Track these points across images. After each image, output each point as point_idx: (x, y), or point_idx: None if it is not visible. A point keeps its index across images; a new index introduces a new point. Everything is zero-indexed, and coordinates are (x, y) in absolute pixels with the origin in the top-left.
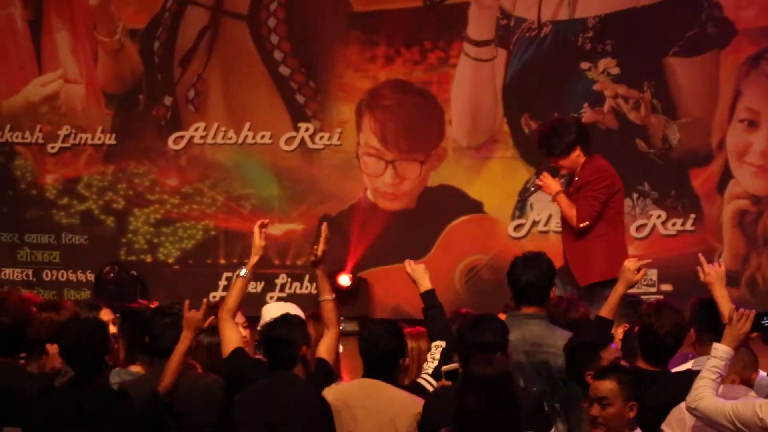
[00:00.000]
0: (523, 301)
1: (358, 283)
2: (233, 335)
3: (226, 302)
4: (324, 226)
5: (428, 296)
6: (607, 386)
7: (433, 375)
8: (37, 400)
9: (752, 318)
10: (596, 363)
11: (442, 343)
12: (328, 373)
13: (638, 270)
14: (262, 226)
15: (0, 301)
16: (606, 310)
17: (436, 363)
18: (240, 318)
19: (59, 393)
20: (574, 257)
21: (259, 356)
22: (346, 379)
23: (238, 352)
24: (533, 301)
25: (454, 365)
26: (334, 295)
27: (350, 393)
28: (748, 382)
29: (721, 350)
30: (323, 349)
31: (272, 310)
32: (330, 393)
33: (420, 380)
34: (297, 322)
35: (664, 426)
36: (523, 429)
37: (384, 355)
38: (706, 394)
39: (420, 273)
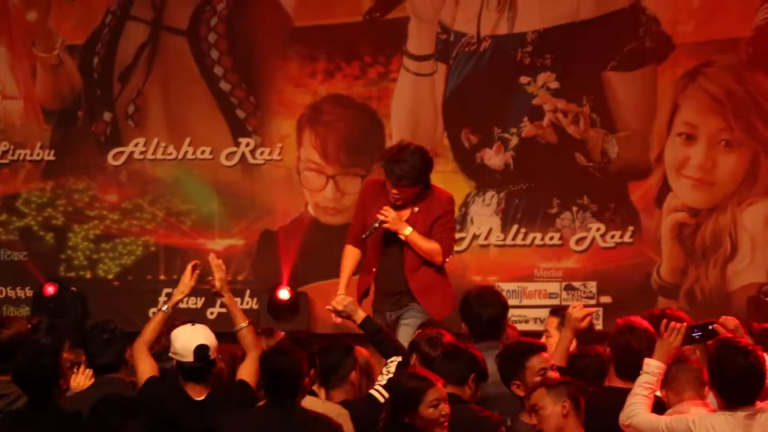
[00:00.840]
0: (484, 335)
1: (298, 297)
2: (147, 365)
3: (144, 333)
4: (212, 256)
5: (366, 324)
6: (535, 394)
7: (386, 387)
8: None
9: (683, 332)
10: (522, 373)
11: (398, 358)
12: (248, 395)
13: (583, 318)
14: (195, 267)
15: None
16: (560, 358)
17: (390, 375)
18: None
19: (14, 416)
20: (425, 290)
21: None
22: None
23: (152, 380)
24: (495, 335)
25: None
26: (249, 320)
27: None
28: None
29: (652, 365)
30: (245, 372)
31: (183, 334)
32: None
33: (372, 392)
34: (299, 352)
35: None
36: None
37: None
38: (639, 410)
39: (351, 307)
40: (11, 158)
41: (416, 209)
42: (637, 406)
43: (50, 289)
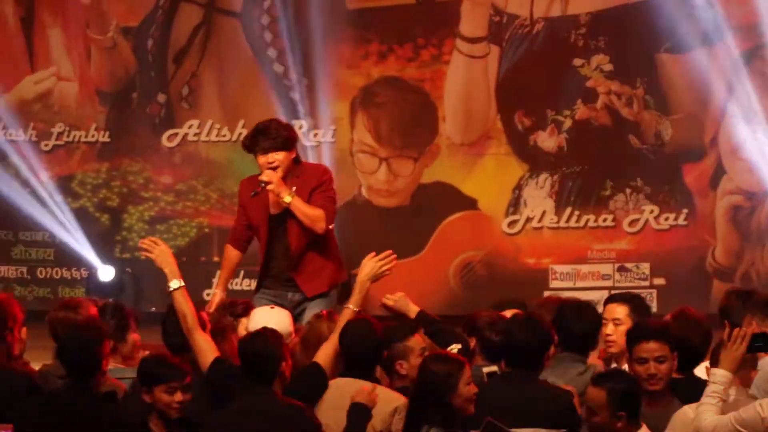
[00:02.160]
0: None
1: (351, 279)
2: (208, 346)
3: (188, 315)
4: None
5: (422, 318)
6: (595, 394)
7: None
8: (28, 401)
9: (748, 339)
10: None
11: (458, 345)
12: (318, 378)
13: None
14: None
15: None
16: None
17: None
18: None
19: (50, 397)
20: (306, 267)
21: None
22: None
23: (217, 361)
24: (583, 350)
25: (494, 367)
26: (358, 309)
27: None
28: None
29: (719, 375)
30: (321, 354)
31: (259, 315)
32: None
33: None
34: (276, 336)
35: (668, 429)
36: None
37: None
38: (706, 416)
39: (402, 302)
40: (66, 140)
41: (293, 188)
42: (704, 414)
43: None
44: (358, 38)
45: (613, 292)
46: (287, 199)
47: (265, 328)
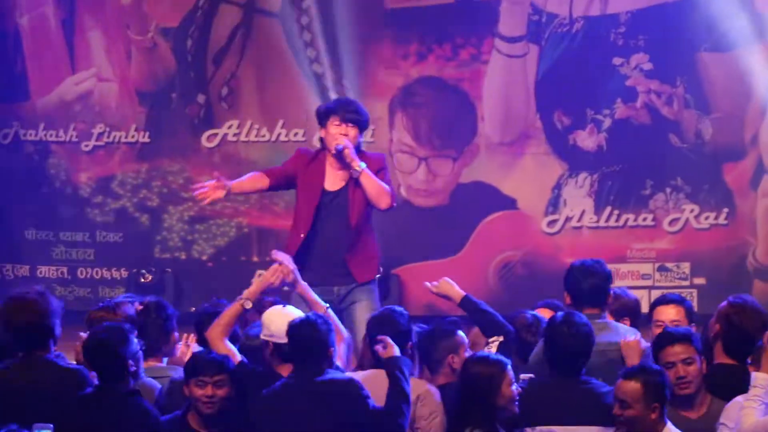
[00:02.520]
0: (585, 304)
1: (390, 279)
2: (229, 352)
3: (220, 322)
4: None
5: (467, 303)
6: (630, 387)
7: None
8: (68, 402)
9: None
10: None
11: (500, 338)
12: None
13: None
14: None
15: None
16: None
17: None
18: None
19: (81, 400)
20: (360, 250)
21: None
22: None
23: (242, 364)
24: (597, 304)
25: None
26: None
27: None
28: None
29: (761, 379)
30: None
31: (277, 316)
32: None
33: None
34: (325, 322)
35: (722, 419)
36: None
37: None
38: (747, 419)
39: (447, 287)
40: (107, 140)
41: (355, 161)
42: (745, 418)
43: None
44: (397, 38)
45: (652, 291)
46: (362, 165)
47: (314, 313)
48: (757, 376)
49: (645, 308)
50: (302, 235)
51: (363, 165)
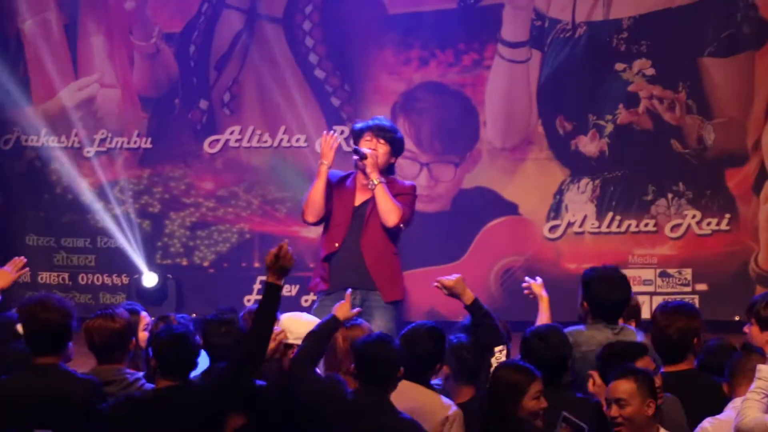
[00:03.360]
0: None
1: None
2: None
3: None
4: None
5: (475, 306)
6: (624, 386)
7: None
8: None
9: None
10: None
11: (504, 347)
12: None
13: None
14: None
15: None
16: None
17: None
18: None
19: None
20: (386, 268)
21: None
22: None
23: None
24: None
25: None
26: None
27: None
28: None
29: (765, 371)
30: None
31: (295, 323)
32: None
33: None
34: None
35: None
36: None
37: (422, 357)
38: (748, 413)
39: (461, 286)
40: (109, 146)
41: (380, 182)
42: (746, 410)
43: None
44: (399, 43)
45: (654, 297)
46: (376, 180)
47: (381, 333)
48: (761, 368)
49: (646, 314)
50: (337, 245)
51: (376, 180)
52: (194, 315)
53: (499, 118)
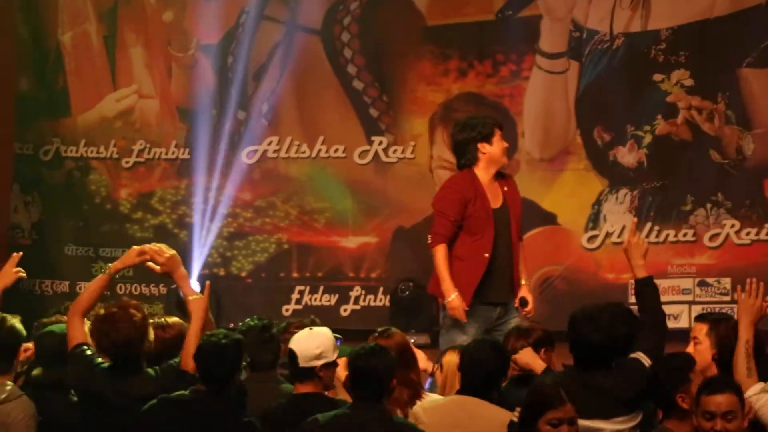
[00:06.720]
0: None
1: (428, 295)
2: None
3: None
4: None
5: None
6: (731, 399)
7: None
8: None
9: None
10: (687, 385)
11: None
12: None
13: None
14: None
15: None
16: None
17: None
18: None
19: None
20: (516, 267)
21: None
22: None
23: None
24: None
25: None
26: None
27: (447, 410)
28: None
29: None
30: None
31: (299, 339)
32: (422, 409)
33: None
34: (389, 353)
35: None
36: None
37: (487, 373)
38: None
39: (530, 356)
40: (147, 157)
41: (505, 188)
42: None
43: None
44: (437, 54)
45: (693, 307)
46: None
47: (378, 345)
48: None
49: (685, 323)
50: (487, 255)
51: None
52: (231, 325)
53: (537, 128)
